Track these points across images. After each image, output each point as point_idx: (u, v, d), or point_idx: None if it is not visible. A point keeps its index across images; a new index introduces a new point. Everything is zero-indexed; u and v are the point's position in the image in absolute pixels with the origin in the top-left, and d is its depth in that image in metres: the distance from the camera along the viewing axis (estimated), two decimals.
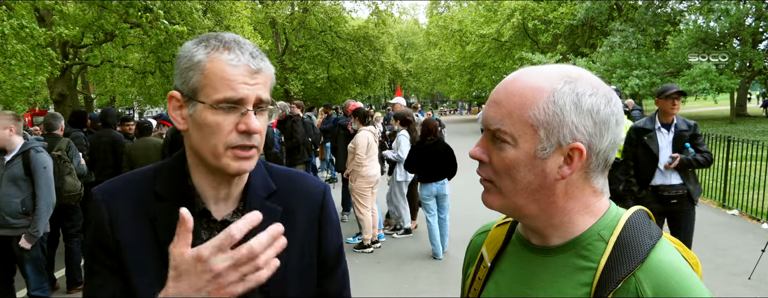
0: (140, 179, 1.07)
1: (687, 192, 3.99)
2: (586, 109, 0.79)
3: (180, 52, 0.99)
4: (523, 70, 0.84)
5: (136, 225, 1.02)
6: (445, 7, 40.27)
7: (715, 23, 17.63)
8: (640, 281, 0.76)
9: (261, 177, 1.10)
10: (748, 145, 7.25)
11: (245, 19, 17.55)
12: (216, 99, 0.93)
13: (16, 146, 3.74)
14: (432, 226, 5.54)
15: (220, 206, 1.05)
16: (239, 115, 0.95)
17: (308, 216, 1.13)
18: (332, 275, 1.17)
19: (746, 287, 4.42)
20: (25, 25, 8.00)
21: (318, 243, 1.14)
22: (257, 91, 0.95)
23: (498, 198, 0.85)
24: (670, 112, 4.00)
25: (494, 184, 0.84)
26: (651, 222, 0.85)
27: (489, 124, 0.83)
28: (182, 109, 0.99)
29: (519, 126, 0.79)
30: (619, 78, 17.09)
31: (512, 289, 0.90)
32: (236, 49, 0.95)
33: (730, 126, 19.35)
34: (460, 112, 56.33)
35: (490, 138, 0.84)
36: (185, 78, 0.96)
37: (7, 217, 3.65)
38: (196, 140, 0.99)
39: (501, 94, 0.82)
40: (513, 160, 0.80)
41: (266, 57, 1.01)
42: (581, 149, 0.79)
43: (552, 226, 0.85)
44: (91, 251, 1.04)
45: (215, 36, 0.98)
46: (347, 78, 33.67)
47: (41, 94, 27.02)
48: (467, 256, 1.09)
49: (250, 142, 0.96)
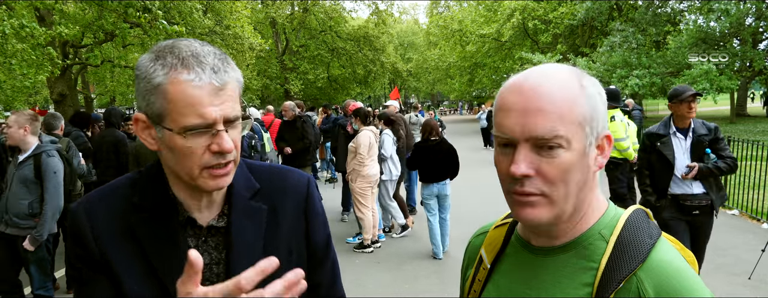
0: (118, 192, 1.05)
1: (710, 202, 3.66)
2: (603, 99, 0.83)
3: (137, 71, 0.93)
4: (531, 73, 0.82)
5: (119, 239, 1.01)
6: (445, 7, 40.25)
7: (715, 23, 17.61)
8: (642, 281, 0.77)
9: (243, 177, 1.09)
10: (748, 145, 7.24)
11: (245, 19, 17.55)
12: (183, 125, 0.89)
13: (30, 147, 3.72)
14: (433, 225, 5.54)
15: (204, 212, 1.04)
16: (210, 136, 0.92)
17: (294, 211, 1.12)
18: (322, 267, 1.18)
19: (746, 287, 4.42)
20: (25, 24, 8.00)
21: (306, 236, 1.14)
22: (225, 111, 0.91)
23: (549, 210, 0.80)
24: (686, 116, 3.64)
25: (546, 195, 0.79)
26: (650, 221, 0.86)
27: (539, 134, 0.77)
28: (150, 130, 0.96)
29: (571, 128, 0.78)
30: (619, 78, 17.07)
31: (513, 290, 0.90)
32: (196, 66, 0.89)
33: (730, 126, 19.35)
34: (461, 112, 56.29)
35: (532, 149, 0.79)
36: (148, 102, 0.92)
37: (14, 217, 3.65)
38: (169, 161, 0.97)
39: (541, 101, 0.77)
40: (569, 163, 0.78)
41: (229, 60, 0.95)
42: (610, 137, 0.84)
43: (573, 224, 0.85)
44: (78, 264, 1.02)
45: (170, 49, 0.91)
46: (347, 78, 33.66)
47: (41, 94, 27.01)
48: (466, 257, 1.09)
49: (224, 160, 0.94)
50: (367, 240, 5.98)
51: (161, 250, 0.99)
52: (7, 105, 19.18)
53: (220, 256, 1.05)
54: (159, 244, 1.00)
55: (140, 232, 1.00)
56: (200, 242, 1.04)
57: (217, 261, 1.04)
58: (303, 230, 1.13)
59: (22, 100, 20.50)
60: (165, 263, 0.99)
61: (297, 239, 1.12)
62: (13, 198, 3.65)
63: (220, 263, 1.04)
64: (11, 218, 3.65)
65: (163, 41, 0.96)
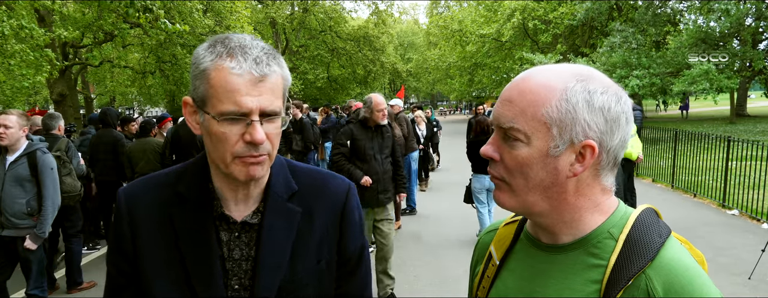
0: (164, 181, 1.08)
1: None
2: (598, 107, 0.79)
3: (193, 57, 0.98)
4: (534, 69, 0.84)
5: (156, 227, 1.04)
6: (445, 7, 40.25)
7: (715, 23, 17.60)
8: (651, 279, 0.77)
9: (283, 177, 1.09)
10: (748, 145, 7.25)
11: (245, 19, 17.55)
12: (219, 111, 0.92)
13: (21, 147, 3.72)
14: (483, 216, 5.79)
15: (240, 206, 1.06)
16: (244, 125, 0.93)
17: (329, 217, 1.11)
18: (353, 276, 1.16)
19: (746, 287, 4.42)
20: (24, 25, 8.00)
21: (338, 244, 1.12)
22: (262, 102, 0.92)
23: (510, 196, 0.85)
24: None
25: (506, 182, 0.84)
26: (660, 220, 0.86)
27: (501, 122, 0.82)
28: (195, 115, 0.99)
29: (532, 124, 0.79)
30: (619, 78, 17.05)
31: (521, 287, 0.90)
32: (239, 55, 0.92)
33: (730, 126, 19.35)
34: (463, 111, 56.11)
35: (501, 136, 0.84)
36: (195, 86, 0.96)
37: (11, 217, 3.63)
38: (208, 147, 0.99)
39: (513, 93, 0.82)
40: (526, 158, 0.80)
41: (277, 57, 0.97)
42: (593, 147, 0.80)
43: (563, 223, 0.85)
44: (111, 256, 1.07)
45: (223, 40, 0.95)
46: (347, 78, 33.68)
47: (41, 94, 27.02)
48: (475, 254, 1.09)
49: (256, 152, 0.95)
50: None
51: (194, 241, 1.02)
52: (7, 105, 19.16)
53: (250, 252, 1.05)
54: (193, 235, 1.02)
55: (178, 222, 1.03)
56: (233, 237, 1.05)
57: (247, 258, 1.05)
58: (336, 238, 1.12)
59: (21, 100, 20.49)
60: (195, 254, 1.01)
61: (328, 247, 1.11)
62: (9, 199, 3.62)
63: (249, 259, 1.05)
64: (8, 220, 3.62)
65: (217, 35, 0.99)
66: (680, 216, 6.91)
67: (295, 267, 1.06)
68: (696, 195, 8.14)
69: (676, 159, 9.05)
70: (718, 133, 11.00)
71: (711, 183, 7.94)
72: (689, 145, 8.90)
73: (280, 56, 0.98)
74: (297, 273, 1.06)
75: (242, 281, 1.04)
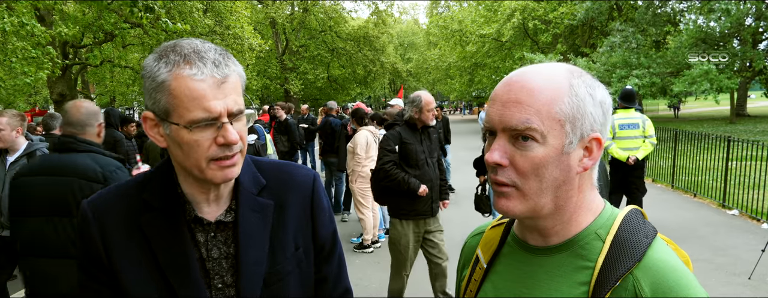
0: (129, 190, 1.07)
1: None
2: (598, 100, 0.81)
3: (143, 71, 0.96)
4: (526, 69, 0.84)
5: (127, 237, 1.03)
6: (445, 7, 40.24)
7: (715, 23, 17.59)
8: (638, 280, 0.77)
9: (250, 173, 1.11)
10: (748, 145, 7.25)
11: (245, 19, 17.56)
12: (189, 120, 0.92)
13: (20, 147, 3.71)
14: None
15: (213, 206, 1.07)
16: (216, 129, 0.94)
17: (300, 206, 1.15)
18: (329, 261, 1.21)
19: (746, 287, 4.42)
20: (25, 22, 8.00)
21: (312, 231, 1.16)
22: (228, 103, 0.94)
23: (519, 202, 0.82)
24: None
25: (517, 188, 0.81)
26: (646, 221, 0.86)
27: (512, 124, 0.79)
28: (158, 128, 0.99)
29: (548, 123, 0.78)
30: (619, 78, 17.06)
31: (509, 289, 0.90)
32: (197, 61, 0.92)
33: (730, 126, 19.36)
34: (464, 112, 56.04)
35: (508, 140, 0.81)
36: (154, 100, 0.95)
37: None
38: (178, 157, 0.99)
39: (521, 94, 0.79)
40: (542, 158, 0.79)
41: (230, 56, 0.98)
42: (600, 140, 0.81)
43: (562, 223, 0.85)
44: (83, 265, 1.06)
45: (173, 48, 0.94)
46: (347, 78, 33.67)
47: (41, 94, 27.02)
48: (462, 257, 1.09)
49: (231, 152, 0.97)
50: (367, 240, 5.98)
51: (168, 247, 1.02)
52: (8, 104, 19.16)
53: (228, 250, 1.07)
54: (166, 241, 1.03)
55: (149, 230, 1.03)
56: (209, 237, 1.07)
57: (226, 255, 1.07)
58: (310, 225, 1.16)
59: (22, 99, 20.49)
60: (171, 259, 1.02)
61: (304, 234, 1.15)
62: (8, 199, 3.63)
63: (229, 257, 1.07)
64: (8, 220, 3.63)
65: (166, 42, 0.98)
66: (680, 216, 6.92)
67: (275, 258, 1.09)
68: (696, 195, 8.15)
69: (676, 159, 9.05)
70: (718, 133, 10.99)
71: (711, 183, 7.94)
72: (689, 145, 8.91)
73: (230, 54, 0.99)
74: (277, 264, 1.09)
75: (225, 278, 1.06)
